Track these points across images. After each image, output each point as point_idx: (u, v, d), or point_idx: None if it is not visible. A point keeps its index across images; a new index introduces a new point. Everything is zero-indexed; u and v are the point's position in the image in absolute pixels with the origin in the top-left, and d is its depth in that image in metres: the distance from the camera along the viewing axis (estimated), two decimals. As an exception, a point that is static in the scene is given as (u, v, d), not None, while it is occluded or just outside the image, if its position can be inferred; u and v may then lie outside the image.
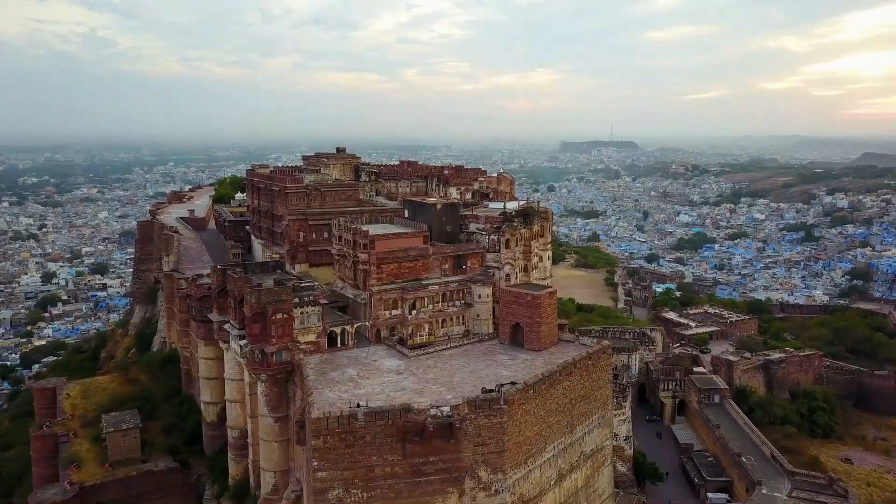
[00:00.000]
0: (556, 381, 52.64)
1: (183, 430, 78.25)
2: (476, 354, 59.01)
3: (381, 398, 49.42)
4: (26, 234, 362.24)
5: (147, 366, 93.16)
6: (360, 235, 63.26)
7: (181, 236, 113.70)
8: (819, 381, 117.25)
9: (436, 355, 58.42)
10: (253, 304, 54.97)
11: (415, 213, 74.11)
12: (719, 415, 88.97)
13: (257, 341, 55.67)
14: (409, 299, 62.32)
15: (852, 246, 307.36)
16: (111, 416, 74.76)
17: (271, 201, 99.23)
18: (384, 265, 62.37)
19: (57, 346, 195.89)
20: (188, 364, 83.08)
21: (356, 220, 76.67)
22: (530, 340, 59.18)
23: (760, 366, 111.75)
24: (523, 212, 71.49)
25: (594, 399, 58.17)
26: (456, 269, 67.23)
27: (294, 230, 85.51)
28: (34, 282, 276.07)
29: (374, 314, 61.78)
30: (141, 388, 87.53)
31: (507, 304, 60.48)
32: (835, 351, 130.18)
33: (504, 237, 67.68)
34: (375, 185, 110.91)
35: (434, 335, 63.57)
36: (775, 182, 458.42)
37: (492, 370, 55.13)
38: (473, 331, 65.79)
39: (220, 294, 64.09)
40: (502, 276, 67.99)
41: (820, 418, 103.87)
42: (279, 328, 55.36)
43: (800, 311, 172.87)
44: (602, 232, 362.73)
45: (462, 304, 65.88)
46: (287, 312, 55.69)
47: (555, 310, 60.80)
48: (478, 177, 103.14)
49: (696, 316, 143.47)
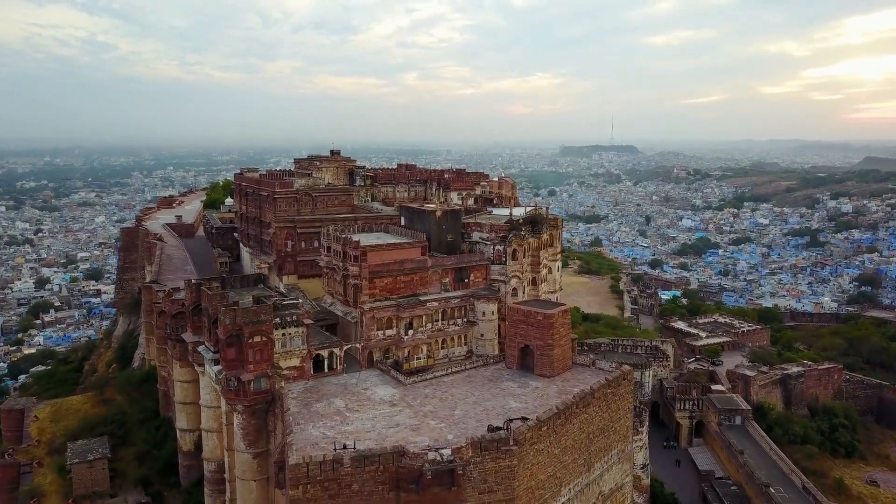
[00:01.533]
0: (572, 415, 46.06)
1: (158, 459, 71.30)
2: (480, 381, 52.34)
3: (372, 436, 42.84)
4: (22, 238, 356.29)
5: (123, 385, 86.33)
6: (350, 246, 56.71)
7: (164, 244, 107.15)
8: (839, 396, 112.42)
9: (435, 382, 51.75)
10: (228, 325, 48.33)
11: (412, 221, 67.45)
12: (741, 438, 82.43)
13: (232, 367, 49.00)
14: (406, 318, 55.74)
15: (859, 251, 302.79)
16: (77, 445, 67.93)
17: (259, 207, 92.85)
18: (377, 279, 55.81)
19: (46, 354, 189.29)
20: (166, 384, 76.30)
21: (349, 227, 70.25)
22: (541, 365, 52.53)
23: (778, 380, 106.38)
24: (531, 219, 65.04)
25: (614, 431, 51.57)
26: (457, 283, 60.62)
27: (282, 239, 79.04)
28: (27, 287, 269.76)
29: (365, 334, 55.14)
30: (115, 410, 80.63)
31: (516, 324, 53.79)
32: (850, 362, 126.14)
33: (511, 247, 61.20)
34: (371, 189, 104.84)
35: (433, 357, 57.01)
36: (778, 186, 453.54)
37: (498, 401, 48.50)
38: (477, 352, 59.24)
39: (195, 312, 57.35)
40: (509, 290, 61.53)
41: (842, 436, 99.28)
42: (257, 353, 48.73)
43: (810, 319, 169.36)
44: (604, 237, 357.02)
45: (464, 323, 59.31)
46: (266, 335, 49.09)
47: (569, 330, 54.22)
48: (480, 181, 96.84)
49: (705, 325, 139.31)
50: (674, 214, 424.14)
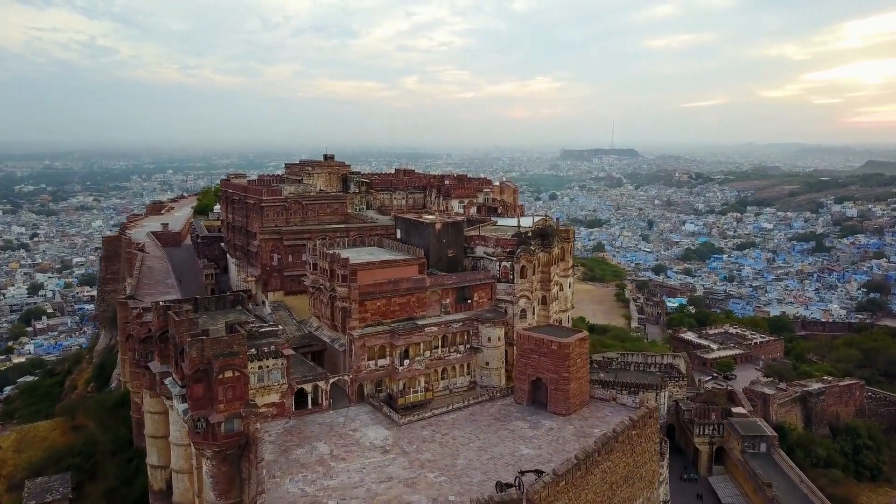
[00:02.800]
0: (594, 464, 39.53)
1: (128, 497, 64.45)
2: (486, 421, 45.74)
3: (360, 493, 36.31)
4: (17, 243, 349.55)
5: (95, 410, 79.47)
6: (338, 264, 50.12)
7: (146, 255, 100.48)
8: (861, 414, 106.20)
9: (434, 422, 45.14)
10: (194, 357, 41.72)
11: (409, 234, 60.78)
12: (767, 467, 75.70)
13: (200, 407, 42.37)
14: (401, 346, 49.14)
15: (866, 257, 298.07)
16: (35, 484, 61.10)
17: (246, 216, 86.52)
18: (369, 302, 49.26)
19: (35, 364, 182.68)
20: (139, 412, 69.48)
21: (339, 240, 63.74)
22: (556, 402, 45.95)
23: (798, 398, 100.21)
24: (541, 231, 58.50)
25: (639, 478, 45.00)
26: (459, 305, 54.10)
27: (267, 252, 72.55)
28: (20, 293, 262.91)
29: (355, 365, 48.56)
30: (85, 439, 73.74)
31: (526, 354, 47.21)
32: (867, 375, 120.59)
33: (519, 264, 54.60)
34: (366, 197, 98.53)
35: (432, 390, 50.33)
36: (781, 190, 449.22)
37: (507, 446, 41.94)
38: (481, 382, 52.65)
39: (162, 338, 50.71)
40: (517, 311, 54.96)
41: (866, 458, 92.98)
42: (228, 390, 42.10)
43: (822, 328, 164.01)
44: (607, 241, 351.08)
45: (467, 350, 52.75)
46: (239, 369, 42.46)
47: (586, 361, 47.68)
48: (483, 187, 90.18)
49: (716, 336, 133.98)
50: (676, 219, 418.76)
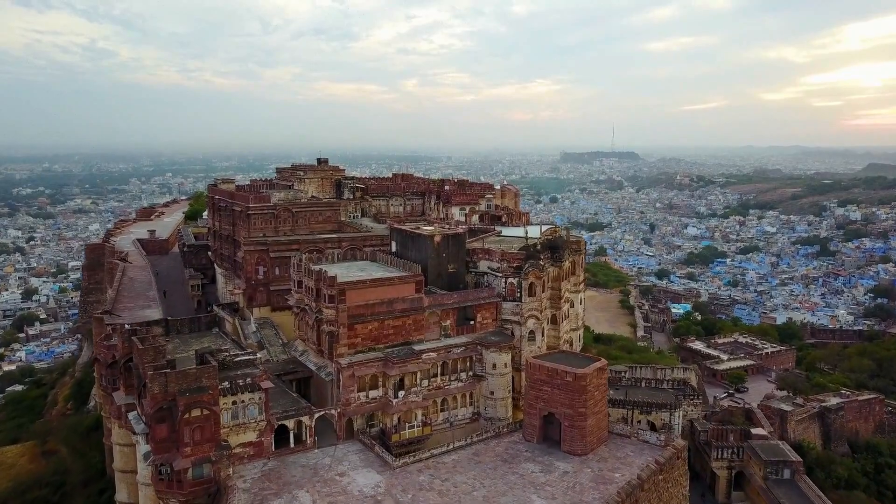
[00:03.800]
0: (618, 519, 34.11)
1: (98, 534, 59.09)
2: (491, 462, 40.18)
3: (346, 558, 30.85)
4: (13, 247, 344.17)
5: (68, 434, 73.88)
6: (325, 282, 44.60)
7: (128, 265, 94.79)
8: (880, 430, 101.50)
9: (432, 465, 39.53)
10: (157, 394, 36.21)
11: (405, 247, 55.17)
12: (792, 496, 70.07)
13: (163, 450, 36.82)
14: (395, 375, 43.63)
15: (871, 261, 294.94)
16: (-8, 523, 55.67)
17: (233, 224, 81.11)
18: (359, 325, 43.76)
19: (25, 372, 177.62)
20: (111, 439, 64.00)
21: (331, 251, 58.31)
22: (571, 440, 40.43)
23: (816, 414, 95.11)
24: (550, 244, 53.05)
25: (666, 528, 39.58)
26: (461, 327, 48.57)
27: (252, 264, 67.11)
28: (14, 299, 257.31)
29: (343, 397, 43.04)
30: (55, 467, 68.16)
31: (537, 385, 41.67)
32: (881, 385, 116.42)
33: (527, 281, 49.09)
34: (361, 203, 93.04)
35: (430, 425, 44.79)
36: (783, 193, 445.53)
37: (517, 495, 36.42)
38: (485, 414, 47.12)
39: (126, 366, 45.18)
40: (524, 333, 49.47)
41: (889, 478, 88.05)
42: (196, 431, 36.59)
43: (832, 335, 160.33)
44: (609, 245, 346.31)
45: (469, 378, 47.18)
46: (209, 406, 36.93)
47: (605, 393, 42.16)
48: (485, 193, 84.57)
49: (725, 346, 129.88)
50: (678, 222, 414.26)
